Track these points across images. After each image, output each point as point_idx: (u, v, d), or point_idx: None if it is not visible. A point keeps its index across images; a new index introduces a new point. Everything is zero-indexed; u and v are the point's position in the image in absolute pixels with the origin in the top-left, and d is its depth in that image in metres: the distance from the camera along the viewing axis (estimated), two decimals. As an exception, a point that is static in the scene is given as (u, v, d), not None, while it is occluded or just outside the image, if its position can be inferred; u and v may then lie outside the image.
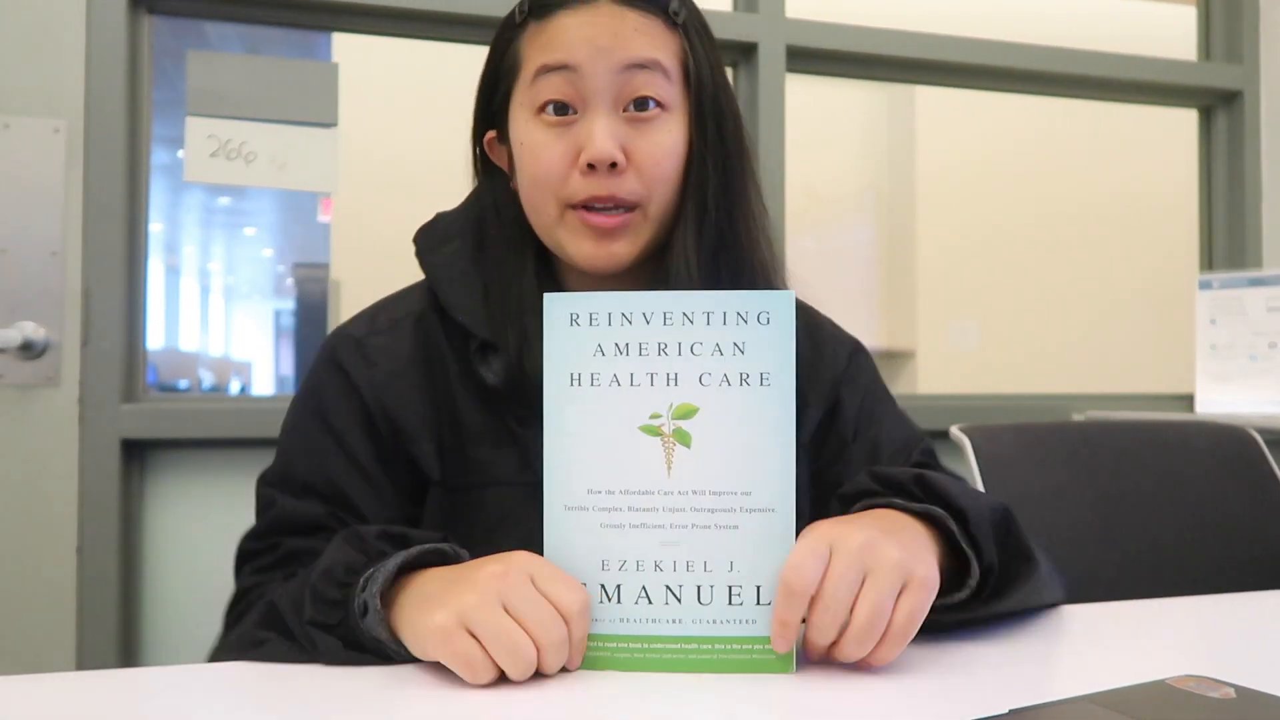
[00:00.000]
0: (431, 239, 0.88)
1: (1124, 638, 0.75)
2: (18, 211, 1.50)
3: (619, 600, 0.64)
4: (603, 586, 0.64)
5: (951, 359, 3.30)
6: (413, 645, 0.62)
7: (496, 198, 0.86)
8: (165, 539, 1.60)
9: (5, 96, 1.50)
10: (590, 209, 0.79)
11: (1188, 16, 2.27)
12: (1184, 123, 2.27)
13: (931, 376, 3.33)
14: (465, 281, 0.84)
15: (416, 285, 0.90)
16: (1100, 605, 0.87)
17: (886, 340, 3.47)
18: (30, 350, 1.49)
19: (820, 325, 0.96)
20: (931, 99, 3.27)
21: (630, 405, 0.63)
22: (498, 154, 0.87)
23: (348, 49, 1.80)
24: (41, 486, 1.50)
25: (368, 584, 0.64)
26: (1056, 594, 0.78)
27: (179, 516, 1.60)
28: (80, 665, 1.49)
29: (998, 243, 3.19)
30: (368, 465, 0.82)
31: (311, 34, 1.88)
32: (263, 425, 1.54)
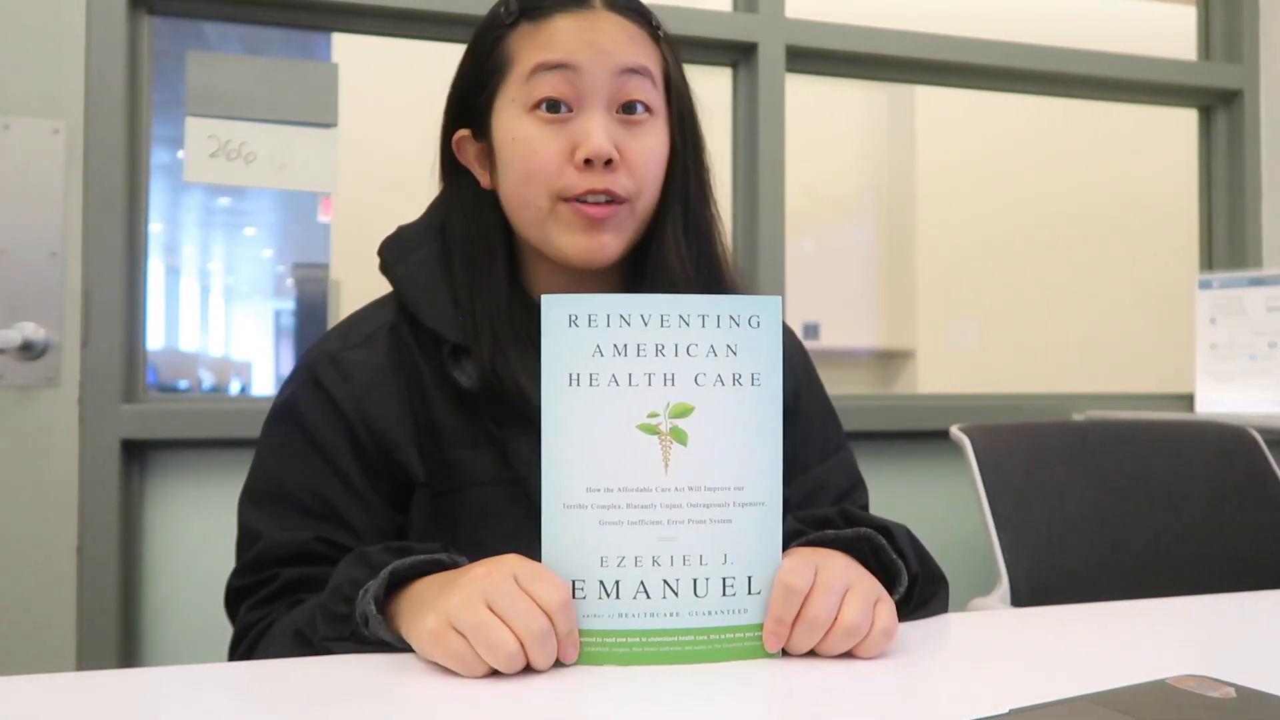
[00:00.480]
0: (396, 250, 0.90)
1: (1124, 638, 0.75)
2: (18, 211, 1.50)
3: (617, 596, 0.64)
4: (601, 583, 0.64)
5: (951, 359, 3.30)
6: (414, 648, 0.65)
7: (463, 201, 0.88)
8: (165, 539, 1.60)
9: (5, 96, 1.50)
10: (583, 201, 0.81)
11: (1188, 16, 2.27)
12: (1184, 123, 2.27)
13: (931, 376, 3.33)
14: (434, 288, 0.86)
15: (387, 297, 0.91)
16: (1100, 605, 0.87)
17: (886, 340, 3.48)
18: (30, 351, 1.49)
19: None
20: (931, 99, 3.27)
21: (628, 404, 0.64)
22: (466, 155, 0.88)
23: (348, 49, 1.80)
24: (41, 487, 1.50)
25: (366, 594, 0.67)
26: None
27: (179, 516, 1.60)
28: (80, 665, 1.49)
29: (998, 243, 3.20)
30: (354, 477, 0.83)
31: (311, 34, 1.88)
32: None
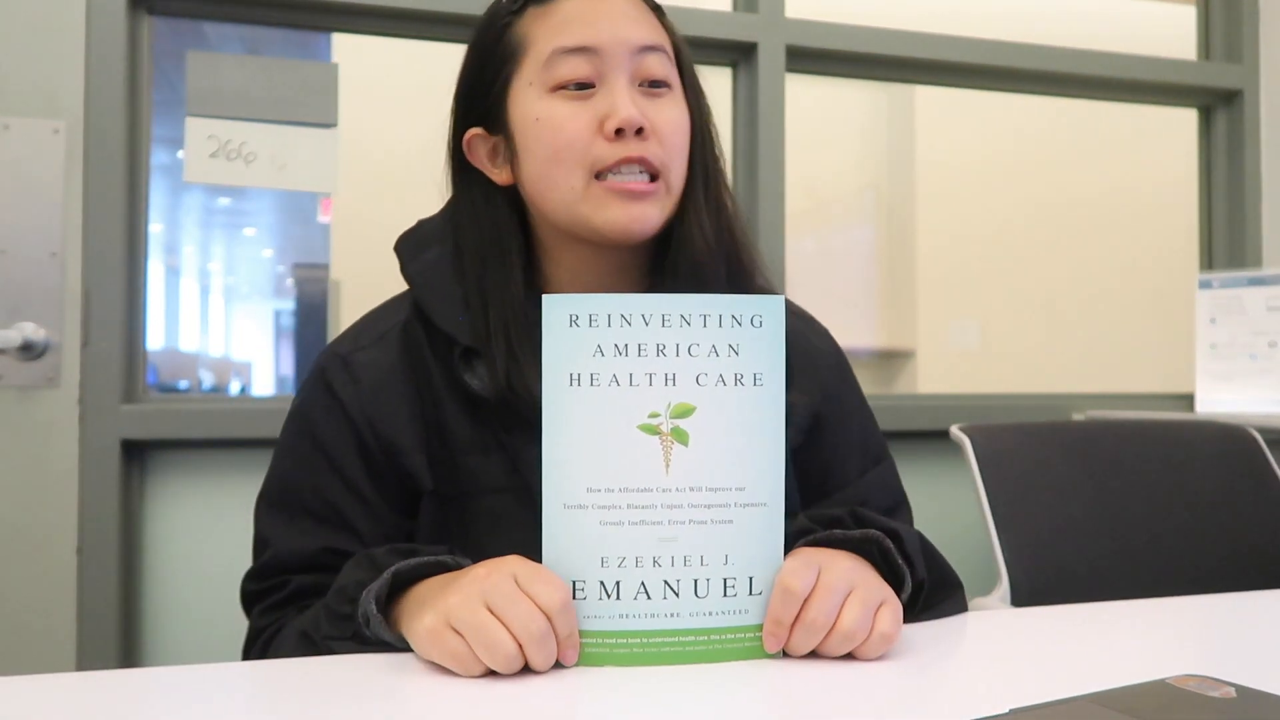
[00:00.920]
0: (412, 246, 0.89)
1: (1124, 637, 0.75)
2: (18, 212, 1.50)
3: (618, 596, 0.64)
4: (602, 584, 0.64)
5: (951, 359, 3.30)
6: (414, 648, 0.65)
7: (474, 201, 0.87)
8: (165, 539, 1.60)
9: (5, 96, 1.50)
10: (618, 176, 0.80)
11: (1188, 16, 2.27)
12: (1184, 122, 2.27)
13: (931, 376, 3.32)
14: (447, 289, 0.85)
15: (403, 295, 0.90)
16: (1100, 605, 0.87)
17: (886, 340, 3.47)
18: (30, 351, 1.49)
19: (806, 316, 0.99)
20: (931, 99, 3.26)
21: (629, 404, 0.64)
22: (477, 154, 0.87)
23: (348, 49, 1.80)
24: (41, 487, 1.50)
25: (368, 595, 0.68)
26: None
27: (179, 517, 1.60)
28: (80, 665, 1.49)
29: (998, 242, 3.19)
30: (360, 484, 0.83)
31: (311, 34, 1.88)
32: (263, 426, 1.54)
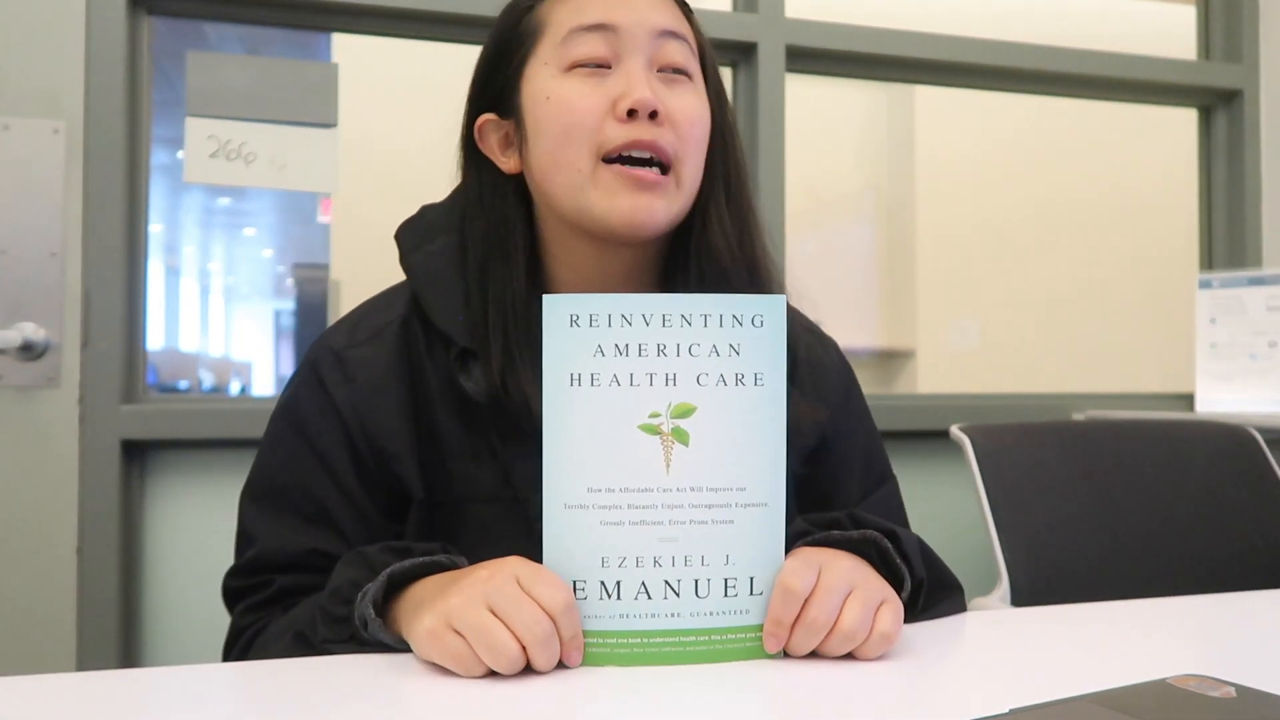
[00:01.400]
0: (415, 235, 0.86)
1: (1124, 637, 0.75)
2: (18, 212, 1.50)
3: (619, 596, 0.64)
4: (602, 584, 0.64)
5: (951, 359, 3.30)
6: (413, 648, 0.64)
7: (482, 189, 0.84)
8: (165, 539, 1.60)
9: (5, 96, 1.50)
10: (628, 162, 0.77)
11: (1188, 16, 2.27)
12: (1184, 122, 2.27)
13: (931, 376, 3.32)
14: (448, 284, 0.82)
15: (401, 286, 0.87)
16: (1100, 605, 0.87)
17: (886, 340, 3.47)
18: (30, 351, 1.49)
19: (816, 330, 0.97)
20: (931, 99, 3.26)
21: (630, 404, 0.64)
22: (488, 141, 0.84)
23: (348, 49, 1.80)
24: (41, 487, 1.50)
25: (364, 597, 0.67)
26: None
27: (179, 517, 1.60)
28: (80, 665, 1.49)
29: (998, 242, 3.19)
30: (349, 485, 0.81)
31: (311, 34, 1.88)
32: (262, 426, 1.52)
